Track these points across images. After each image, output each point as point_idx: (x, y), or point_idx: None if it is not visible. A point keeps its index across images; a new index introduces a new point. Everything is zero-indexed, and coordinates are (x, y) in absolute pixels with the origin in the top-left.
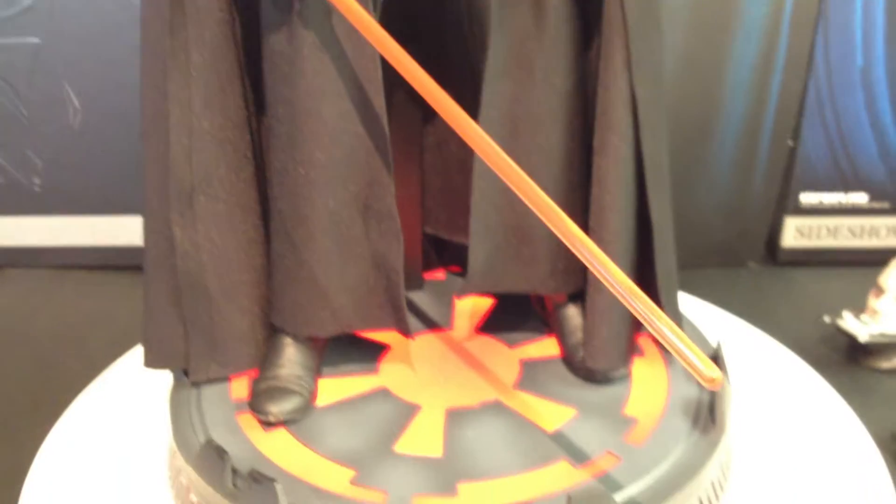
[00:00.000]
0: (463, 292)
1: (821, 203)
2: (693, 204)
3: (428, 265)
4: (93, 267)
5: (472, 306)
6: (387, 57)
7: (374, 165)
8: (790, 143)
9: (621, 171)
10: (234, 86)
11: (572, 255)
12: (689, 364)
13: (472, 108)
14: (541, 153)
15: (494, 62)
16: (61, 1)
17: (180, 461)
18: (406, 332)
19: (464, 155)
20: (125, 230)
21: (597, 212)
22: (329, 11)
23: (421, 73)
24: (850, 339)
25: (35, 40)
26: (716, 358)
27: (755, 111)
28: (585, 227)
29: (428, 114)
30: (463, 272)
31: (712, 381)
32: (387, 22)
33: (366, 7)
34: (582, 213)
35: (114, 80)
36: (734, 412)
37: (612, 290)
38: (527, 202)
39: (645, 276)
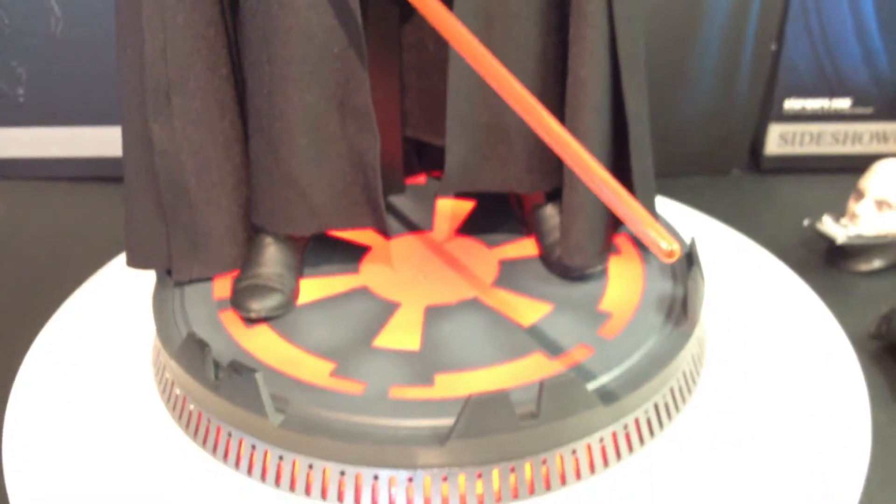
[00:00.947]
0: (440, 192)
1: (804, 109)
2: (676, 111)
3: (409, 170)
4: (79, 178)
5: (452, 209)
6: None
7: (349, 61)
8: (773, 47)
9: (596, 64)
10: None
11: (549, 153)
12: (647, 238)
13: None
14: (516, 47)
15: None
16: None
17: (164, 357)
18: (384, 231)
19: (442, 55)
20: (110, 141)
21: (572, 107)
22: None
23: None
24: (830, 243)
25: None
26: (689, 254)
27: (738, 14)
28: (561, 123)
29: (406, 12)
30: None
31: (670, 253)
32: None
33: None
34: (558, 108)
35: None
36: (710, 308)
37: (582, 175)
38: (501, 93)
39: (621, 174)
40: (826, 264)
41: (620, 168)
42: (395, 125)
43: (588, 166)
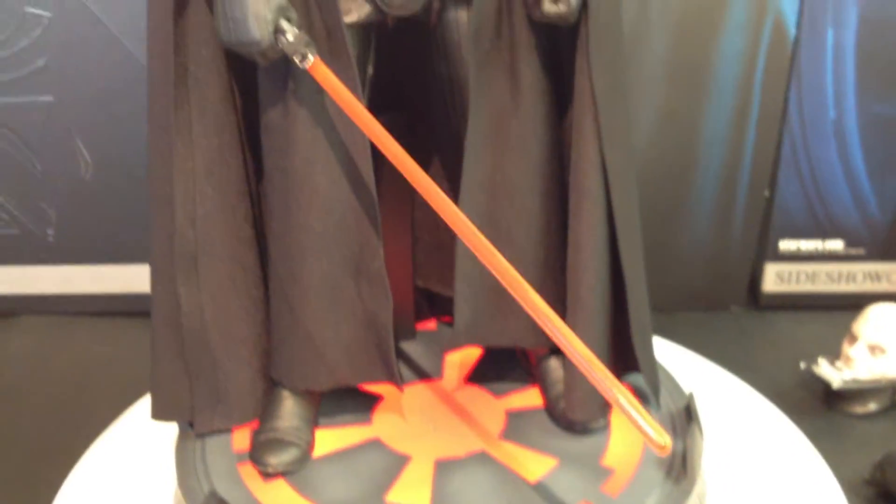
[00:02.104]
0: (449, 347)
1: (799, 250)
2: (675, 251)
3: (420, 316)
4: (103, 313)
5: (461, 357)
6: (371, 138)
7: (364, 230)
8: (766, 194)
9: (595, 234)
10: (234, 154)
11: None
12: (642, 432)
13: (455, 169)
14: (519, 217)
15: (474, 134)
16: (73, 61)
17: None
18: (397, 384)
19: None
20: (134, 278)
21: (573, 272)
22: (321, 89)
23: (401, 153)
24: (826, 385)
25: (48, 98)
26: (688, 408)
27: (732, 162)
28: (563, 287)
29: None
30: (453, 322)
31: (663, 448)
32: (376, 90)
33: (353, 88)
34: (560, 273)
35: (123, 135)
36: (707, 461)
37: (571, 359)
38: (495, 274)
39: (621, 330)
40: (823, 406)
41: (620, 324)
42: (406, 276)
43: (574, 345)
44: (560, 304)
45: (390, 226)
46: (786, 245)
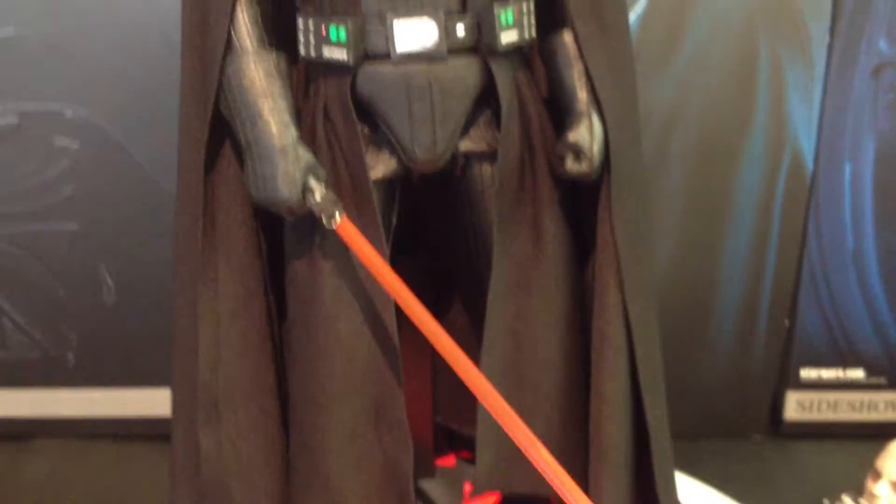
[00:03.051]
0: (472, 495)
1: (820, 378)
2: (696, 379)
3: (439, 450)
4: (122, 436)
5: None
6: (394, 297)
7: (386, 380)
8: (786, 322)
9: (619, 384)
10: (258, 301)
11: (572, 462)
12: None
13: (476, 313)
14: (543, 366)
15: (497, 283)
16: (100, 189)
17: None
18: None
19: (474, 356)
20: (154, 401)
21: (596, 423)
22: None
23: (423, 313)
24: None
25: (74, 226)
26: None
27: (751, 291)
28: (586, 434)
29: (440, 313)
30: (472, 457)
31: None
32: (399, 234)
33: (378, 245)
34: (583, 420)
35: (146, 260)
36: None
37: None
38: (510, 434)
39: (644, 477)
40: None
41: (643, 471)
42: (426, 413)
43: None
44: (583, 451)
45: (411, 363)
46: (807, 373)
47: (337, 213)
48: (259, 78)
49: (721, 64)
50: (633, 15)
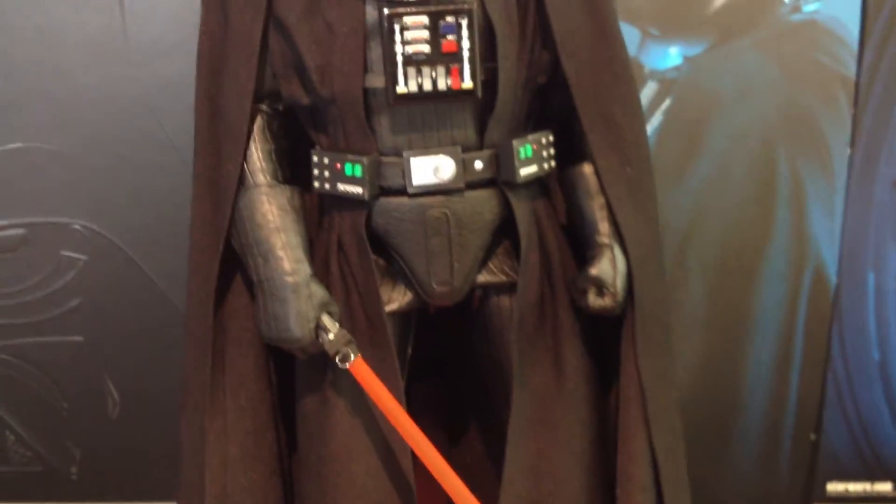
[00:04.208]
0: None
1: (847, 491)
2: (721, 494)
3: None
4: None
5: None
6: (408, 441)
7: None
8: (812, 436)
9: None
10: (268, 436)
11: None
12: None
13: (493, 447)
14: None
15: (517, 419)
16: (106, 301)
17: None
18: None
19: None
20: None
21: None
22: None
23: (438, 459)
24: None
25: (79, 338)
26: None
27: (776, 406)
28: None
29: (455, 438)
30: None
31: None
32: (414, 362)
33: (394, 381)
34: None
35: (152, 373)
36: None
37: None
38: None
39: None
40: None
41: None
42: None
43: None
44: None
45: (424, 494)
46: (833, 487)
47: (351, 353)
48: (272, 213)
49: (740, 178)
50: (650, 128)
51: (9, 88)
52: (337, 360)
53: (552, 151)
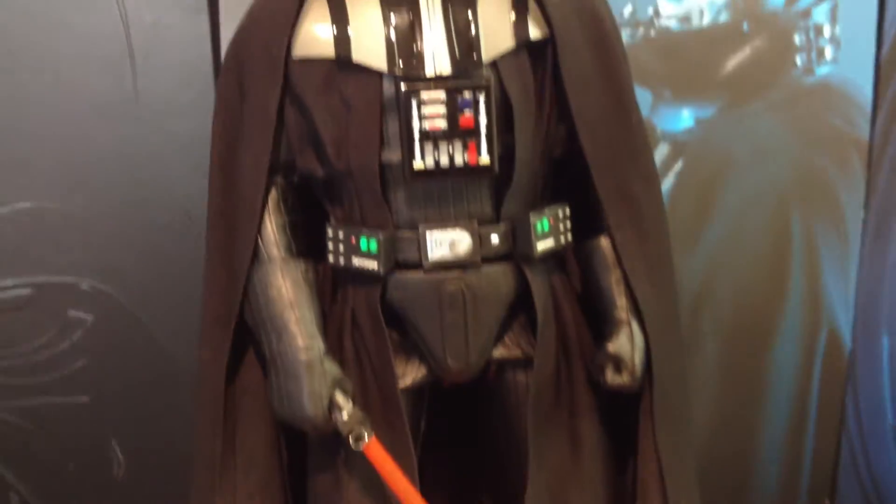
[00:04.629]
0: None
1: None
2: None
3: None
4: None
5: None
6: None
7: None
8: (827, 501)
9: None
10: None
11: None
12: None
13: None
14: None
15: (533, 499)
16: (113, 363)
17: None
18: None
19: None
20: None
21: None
22: None
23: None
24: None
25: (85, 399)
26: None
27: (790, 471)
28: None
29: None
30: None
31: None
32: (427, 434)
33: (407, 459)
34: None
35: (158, 436)
36: None
37: None
38: None
39: None
40: None
41: None
42: None
43: None
44: None
45: None
46: None
47: (364, 434)
48: (286, 287)
49: (753, 239)
50: (663, 189)
51: (19, 147)
52: (350, 441)
53: (569, 224)
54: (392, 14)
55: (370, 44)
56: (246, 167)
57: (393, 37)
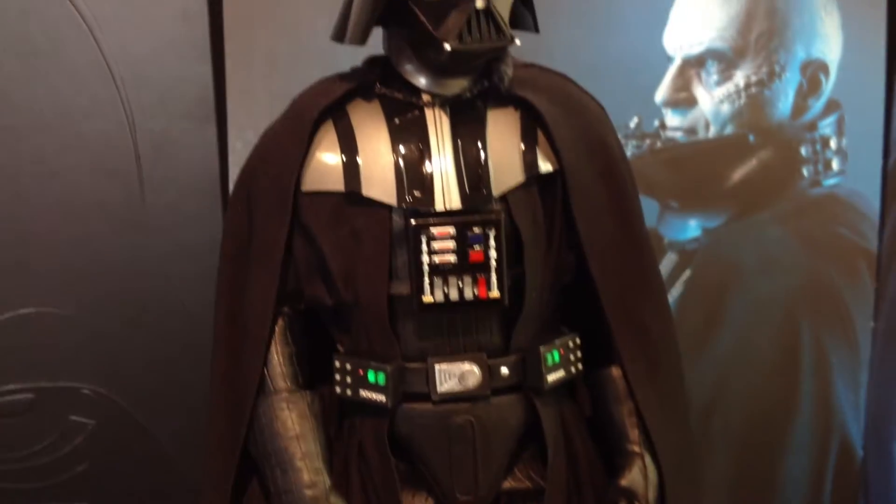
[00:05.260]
0: None
1: None
2: None
3: None
4: None
5: None
6: None
7: None
8: None
9: None
10: None
11: None
12: None
13: None
14: None
15: None
16: (114, 468)
17: None
18: None
19: None
20: None
21: None
22: None
23: None
24: None
25: None
26: None
27: None
28: None
29: None
30: None
31: None
32: None
33: None
34: None
35: None
36: None
37: None
38: None
39: None
40: None
41: None
42: None
43: None
44: None
45: None
46: None
47: None
48: (292, 420)
49: (763, 349)
50: (670, 298)
51: (23, 252)
52: None
53: (579, 354)
54: (402, 145)
55: (380, 176)
56: (253, 298)
57: (403, 168)
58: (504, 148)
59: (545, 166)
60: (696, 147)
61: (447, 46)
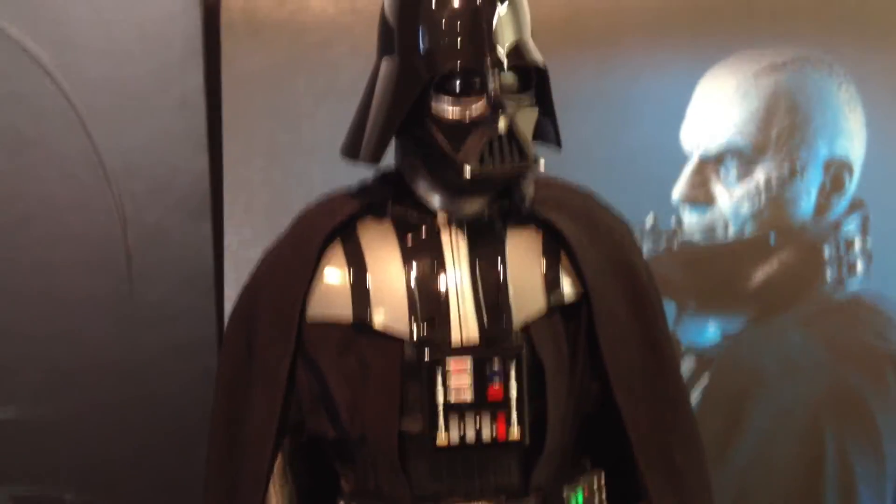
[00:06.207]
0: None
1: None
2: None
3: None
4: None
5: None
6: None
7: None
8: None
9: None
10: None
11: None
12: None
13: None
14: None
15: None
16: None
17: None
18: None
19: None
20: None
21: None
22: None
23: None
24: None
25: None
26: None
27: None
28: None
29: None
30: None
31: None
32: None
33: None
34: None
35: None
36: None
37: None
38: None
39: None
40: None
41: None
42: None
43: None
44: None
45: None
46: None
47: None
48: None
49: (786, 458)
50: None
51: (5, 353)
52: None
53: (604, 494)
54: (415, 268)
55: (391, 303)
56: (251, 432)
57: (416, 295)
58: (525, 272)
59: (570, 294)
60: (715, 247)
61: (467, 170)
